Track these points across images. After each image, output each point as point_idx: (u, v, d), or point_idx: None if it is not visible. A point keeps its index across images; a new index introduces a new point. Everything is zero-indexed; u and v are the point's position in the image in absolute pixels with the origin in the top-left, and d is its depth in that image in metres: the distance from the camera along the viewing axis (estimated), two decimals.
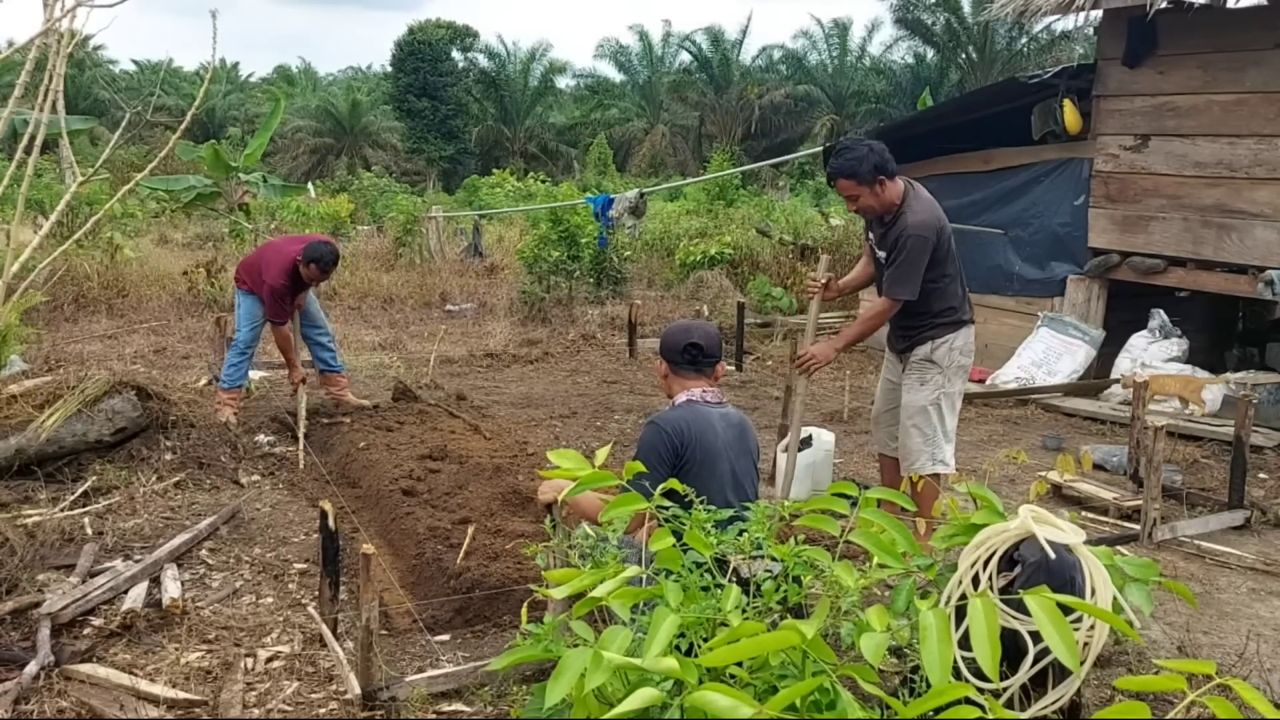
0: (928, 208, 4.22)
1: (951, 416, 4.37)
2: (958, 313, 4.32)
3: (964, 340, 4.34)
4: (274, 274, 5.99)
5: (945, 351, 4.29)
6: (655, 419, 3.19)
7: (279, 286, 5.99)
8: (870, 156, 4.15)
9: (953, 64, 34.01)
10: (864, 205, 4.25)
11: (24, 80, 3.36)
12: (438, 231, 15.04)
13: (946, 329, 4.29)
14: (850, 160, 4.18)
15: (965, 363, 4.39)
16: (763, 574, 2.33)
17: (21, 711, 3.00)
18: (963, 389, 4.44)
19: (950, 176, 9.04)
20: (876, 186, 4.19)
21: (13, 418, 5.12)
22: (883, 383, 4.62)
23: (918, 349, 4.33)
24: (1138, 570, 2.60)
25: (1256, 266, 6.92)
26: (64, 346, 8.49)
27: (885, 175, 4.18)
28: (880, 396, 4.63)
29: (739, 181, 21.71)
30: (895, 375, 4.50)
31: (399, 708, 3.03)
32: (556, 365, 8.82)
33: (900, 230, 4.18)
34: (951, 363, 4.31)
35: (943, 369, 4.29)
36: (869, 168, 4.15)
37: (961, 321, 4.34)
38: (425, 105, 35.96)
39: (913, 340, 4.35)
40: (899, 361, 4.47)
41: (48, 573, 3.98)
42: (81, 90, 33.91)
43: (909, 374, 4.37)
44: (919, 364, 4.33)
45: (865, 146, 4.22)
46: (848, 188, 4.21)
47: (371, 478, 5.13)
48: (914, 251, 4.14)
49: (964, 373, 4.41)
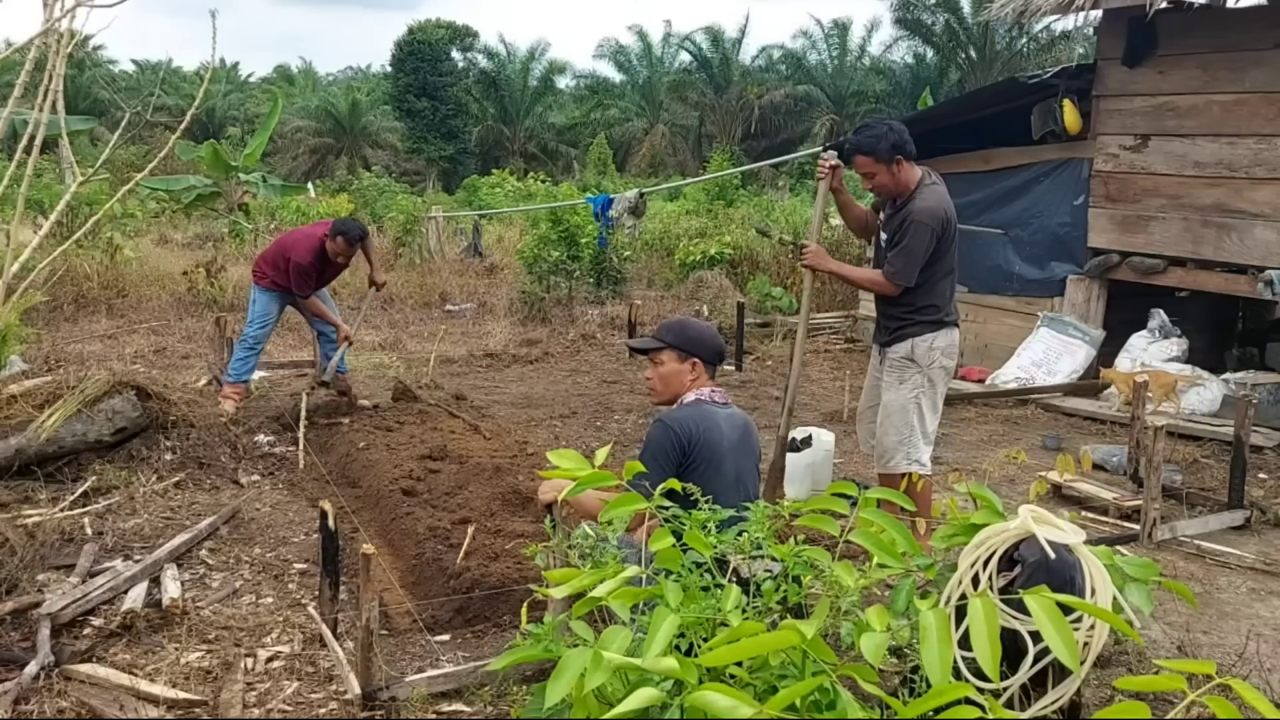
0: (939, 198, 4.20)
1: (932, 418, 4.34)
2: (941, 312, 4.29)
3: (945, 341, 4.30)
4: (300, 253, 6.23)
5: (925, 350, 4.26)
6: (664, 417, 3.19)
7: (305, 264, 6.22)
8: (890, 135, 4.15)
9: (952, 64, 33.98)
10: (879, 184, 4.24)
11: (24, 80, 3.36)
12: (437, 231, 15.04)
13: (927, 327, 4.26)
14: (870, 137, 4.18)
15: (948, 364, 4.34)
16: (763, 574, 2.33)
17: (21, 712, 3.00)
18: (944, 391, 4.40)
19: (950, 176, 8.92)
20: (894, 166, 4.17)
21: (13, 418, 5.12)
22: (869, 379, 4.61)
23: (897, 346, 4.30)
24: (1138, 570, 2.60)
25: (1256, 266, 6.92)
26: (64, 346, 8.48)
27: (903, 155, 4.17)
28: (866, 392, 4.62)
29: (739, 181, 21.73)
30: (879, 372, 4.49)
31: (399, 708, 3.03)
32: (556, 365, 8.82)
33: (906, 214, 4.16)
34: (932, 362, 4.27)
35: (922, 368, 4.26)
36: (887, 145, 4.14)
37: (943, 322, 4.30)
38: (425, 105, 35.95)
39: (894, 335, 4.32)
40: (881, 358, 4.47)
41: (48, 573, 3.98)
42: (81, 90, 33.89)
43: (888, 372, 4.34)
44: (898, 362, 4.30)
45: (885, 125, 4.22)
46: (865, 164, 4.20)
47: (371, 478, 5.13)
48: (915, 237, 4.11)
49: (946, 375, 4.37)
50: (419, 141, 36.53)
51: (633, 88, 40.48)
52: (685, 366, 3.29)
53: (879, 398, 4.43)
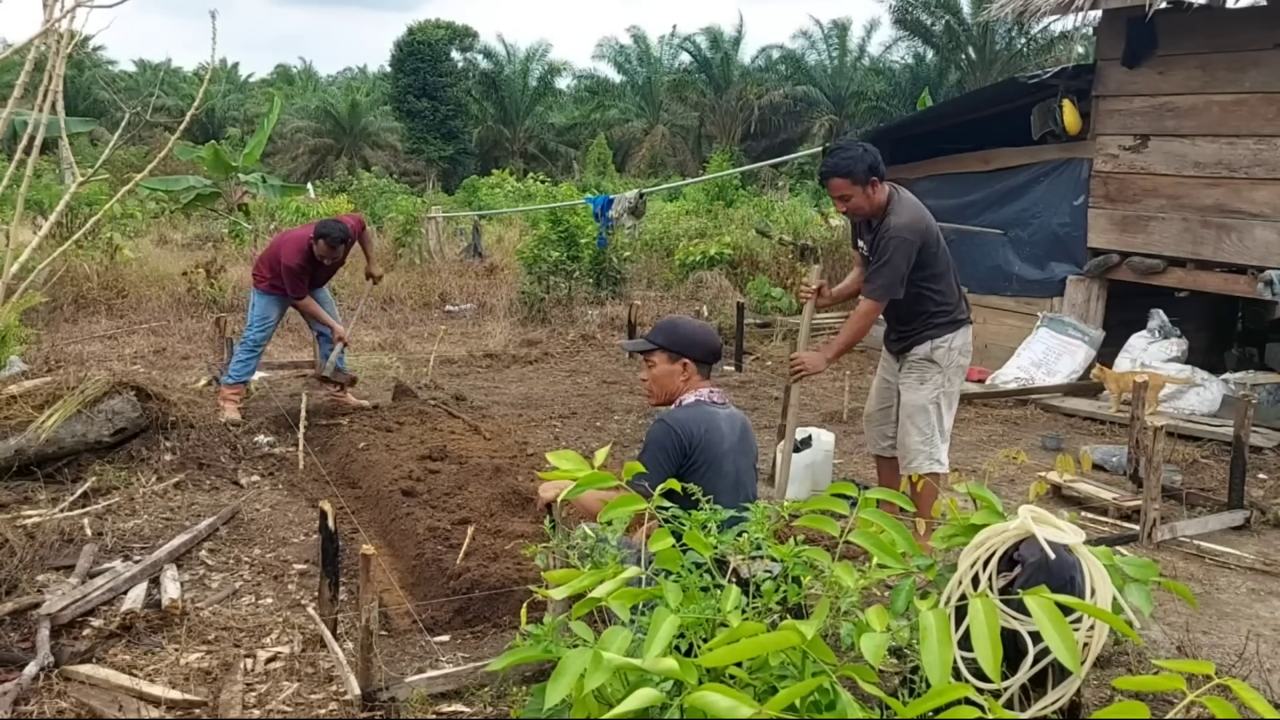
0: (912, 210, 4.21)
1: (949, 415, 4.38)
2: (954, 312, 4.32)
3: (962, 340, 4.35)
4: (289, 255, 6.30)
5: (945, 351, 4.30)
6: (665, 417, 3.18)
7: (294, 266, 6.28)
8: (865, 157, 4.14)
9: (952, 64, 33.99)
10: (855, 206, 4.23)
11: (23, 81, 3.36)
12: (437, 232, 15.05)
13: (945, 329, 4.29)
14: (845, 159, 4.16)
15: (964, 362, 4.40)
16: (762, 574, 2.32)
17: (21, 712, 2.99)
18: (960, 388, 4.45)
19: (950, 176, 9.05)
20: (869, 188, 4.18)
21: (12, 418, 5.12)
22: (878, 381, 4.61)
23: (916, 348, 4.32)
24: (1137, 570, 2.59)
25: (1256, 266, 6.92)
26: (64, 347, 8.48)
27: (877, 177, 4.18)
28: (874, 395, 4.62)
29: (738, 182, 21.73)
30: (891, 374, 4.49)
31: (399, 708, 3.03)
32: (556, 365, 8.82)
33: (884, 232, 4.17)
34: (951, 362, 4.31)
35: (943, 368, 4.30)
36: (864, 168, 4.13)
37: (958, 321, 4.33)
38: (425, 106, 35.95)
39: (910, 341, 4.34)
40: (895, 360, 4.47)
41: (47, 573, 3.98)
42: (81, 91, 33.89)
43: (908, 373, 4.36)
44: (919, 363, 4.32)
45: (860, 147, 4.21)
46: (841, 187, 4.18)
47: (371, 478, 5.12)
48: (895, 253, 4.12)
49: (962, 372, 4.43)
50: (419, 142, 36.53)
51: (632, 88, 40.47)
52: (676, 367, 3.28)
53: (890, 400, 4.44)
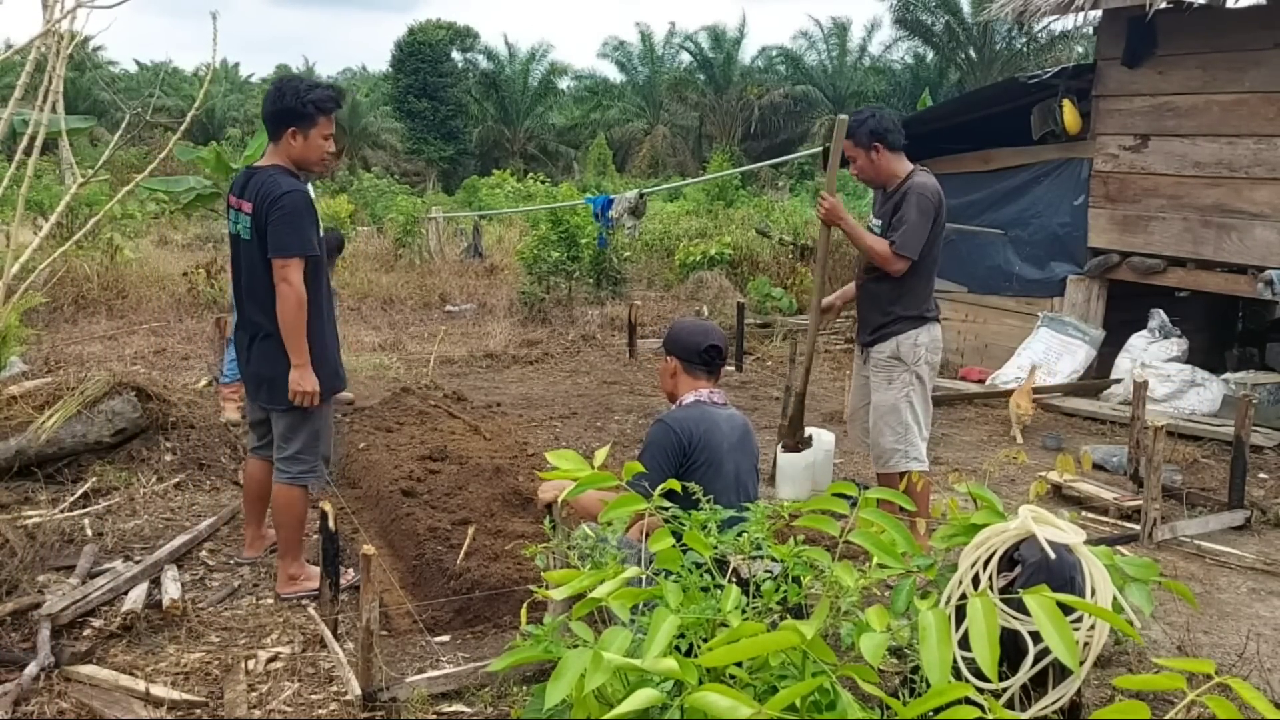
0: (932, 182, 4.23)
1: (925, 413, 4.35)
2: (922, 308, 4.30)
3: (929, 337, 4.31)
4: None
5: (910, 348, 4.27)
6: (665, 418, 3.19)
7: None
8: (870, 121, 4.18)
9: (952, 64, 34.00)
10: (860, 169, 4.27)
11: (24, 81, 3.37)
12: (437, 232, 15.05)
13: (910, 324, 4.27)
14: (852, 121, 4.24)
15: (933, 359, 4.36)
16: (762, 574, 2.33)
17: (21, 712, 2.99)
18: (931, 385, 4.42)
19: (950, 176, 8.99)
20: (872, 152, 4.20)
21: (13, 419, 5.12)
22: (855, 378, 4.62)
23: (881, 346, 4.31)
24: (1138, 570, 2.60)
25: (1256, 266, 6.92)
26: (64, 348, 8.48)
27: (882, 143, 4.19)
28: (854, 392, 4.63)
29: (739, 182, 21.72)
30: (866, 371, 4.49)
31: (399, 708, 3.03)
32: (556, 366, 8.82)
33: (903, 192, 4.17)
34: (918, 359, 4.28)
35: (908, 365, 4.27)
36: (866, 131, 4.18)
37: (925, 318, 4.31)
38: (425, 106, 35.97)
39: (876, 334, 4.33)
40: (865, 358, 4.47)
41: (48, 574, 3.98)
42: (81, 91, 33.85)
43: (876, 373, 4.35)
44: (885, 362, 4.31)
45: (870, 112, 4.26)
46: (845, 148, 4.24)
47: (371, 478, 5.12)
48: (916, 208, 4.11)
49: (932, 370, 4.39)
50: (419, 142, 36.55)
51: (633, 88, 40.48)
52: (668, 366, 3.33)
53: (869, 397, 4.43)
